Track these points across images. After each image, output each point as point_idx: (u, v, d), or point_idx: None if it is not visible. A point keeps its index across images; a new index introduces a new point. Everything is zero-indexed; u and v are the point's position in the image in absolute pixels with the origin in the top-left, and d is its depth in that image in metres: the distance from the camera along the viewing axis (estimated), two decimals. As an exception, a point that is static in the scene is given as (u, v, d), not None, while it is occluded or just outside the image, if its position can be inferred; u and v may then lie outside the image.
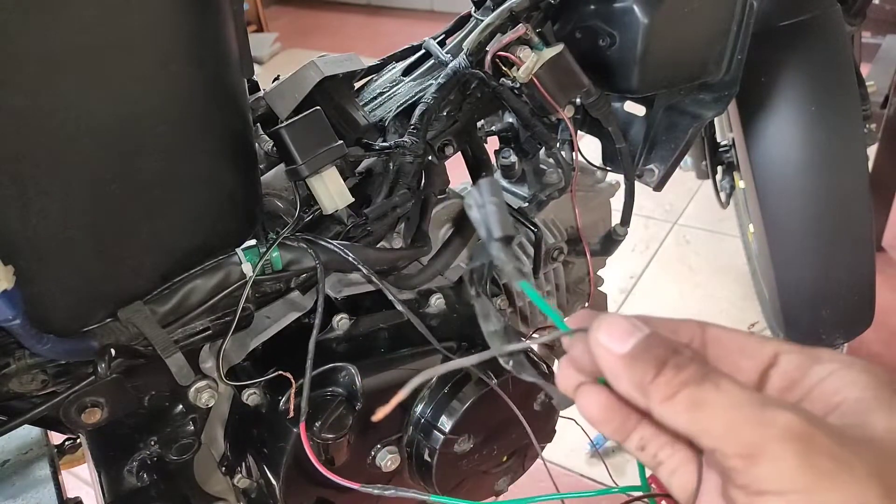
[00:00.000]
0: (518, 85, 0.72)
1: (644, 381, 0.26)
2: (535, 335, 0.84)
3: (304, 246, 0.63)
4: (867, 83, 1.37)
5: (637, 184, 0.88)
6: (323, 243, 0.63)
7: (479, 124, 0.81)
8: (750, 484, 0.24)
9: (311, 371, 0.66)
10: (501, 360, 0.32)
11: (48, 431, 0.74)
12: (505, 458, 0.78)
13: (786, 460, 0.23)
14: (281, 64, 3.40)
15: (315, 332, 0.60)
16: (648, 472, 0.32)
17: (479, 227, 0.30)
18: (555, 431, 0.82)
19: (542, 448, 0.80)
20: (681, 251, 1.92)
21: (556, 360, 0.89)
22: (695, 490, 0.30)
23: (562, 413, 0.82)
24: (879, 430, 0.25)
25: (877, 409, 0.26)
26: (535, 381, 0.32)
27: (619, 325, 0.28)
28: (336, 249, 0.63)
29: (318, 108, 0.65)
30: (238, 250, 0.62)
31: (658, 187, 0.91)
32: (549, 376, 0.29)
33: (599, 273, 1.04)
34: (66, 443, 0.80)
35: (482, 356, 0.30)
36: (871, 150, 1.62)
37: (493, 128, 0.87)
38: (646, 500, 0.33)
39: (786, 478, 0.23)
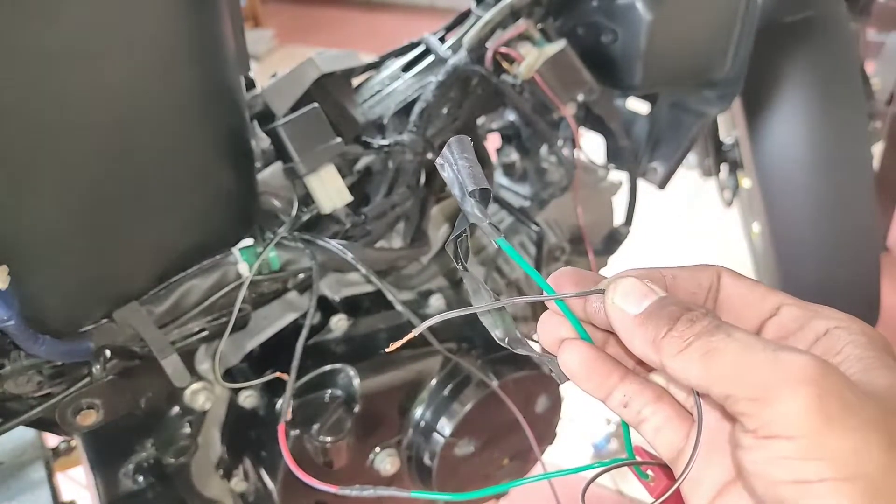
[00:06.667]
0: (519, 82, 0.71)
1: (657, 337, 0.27)
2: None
3: (302, 245, 0.62)
4: (872, 80, 1.36)
5: (640, 182, 0.87)
6: (321, 243, 0.63)
7: (479, 121, 0.80)
8: (759, 428, 0.24)
9: (310, 373, 0.66)
10: (497, 338, 0.31)
11: (43, 433, 0.73)
12: (506, 461, 0.77)
13: (798, 403, 0.23)
14: (278, 61, 3.39)
15: (304, 332, 0.59)
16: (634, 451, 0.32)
17: (453, 185, 0.29)
18: (556, 433, 0.81)
19: (543, 451, 0.79)
20: (684, 250, 1.92)
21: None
22: (683, 448, 0.29)
23: (563, 415, 0.81)
24: (882, 387, 0.25)
25: (879, 368, 0.26)
26: (532, 354, 0.31)
27: (635, 288, 0.28)
28: (334, 249, 0.62)
29: (317, 105, 0.64)
30: (235, 250, 0.61)
31: (662, 185, 0.91)
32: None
33: (601, 273, 1.03)
34: (62, 445, 0.79)
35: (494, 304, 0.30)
36: (876, 149, 1.61)
37: (494, 125, 0.86)
38: (632, 467, 0.32)
39: (797, 421, 0.23)
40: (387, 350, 0.29)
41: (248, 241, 0.62)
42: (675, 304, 0.27)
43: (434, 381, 0.71)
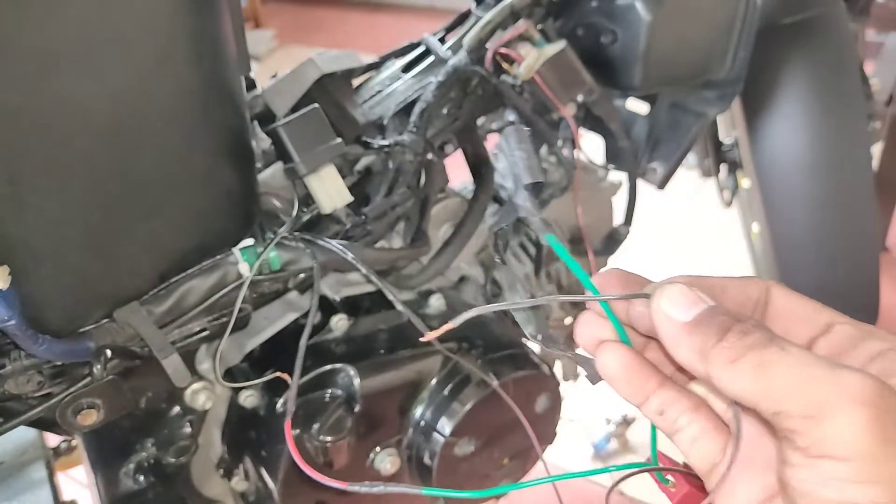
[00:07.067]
0: (519, 82, 0.71)
1: (706, 346, 0.26)
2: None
3: (302, 245, 0.62)
4: (871, 81, 1.36)
5: (639, 182, 0.87)
6: (321, 243, 0.63)
7: (479, 121, 0.81)
8: (811, 446, 0.23)
9: (310, 373, 0.66)
10: (529, 334, 0.31)
11: (44, 433, 0.74)
12: (506, 461, 0.77)
13: (855, 423, 0.22)
14: (278, 61, 3.39)
15: (307, 331, 0.59)
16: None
17: (506, 176, 0.29)
18: (556, 433, 0.82)
19: (543, 450, 0.79)
20: (683, 251, 1.92)
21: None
22: (718, 462, 0.29)
23: (562, 415, 0.81)
24: None
25: None
26: (566, 354, 0.31)
27: (684, 295, 0.27)
28: (334, 249, 0.63)
29: (317, 105, 0.64)
30: (235, 250, 0.61)
31: (661, 186, 0.91)
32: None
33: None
34: (63, 445, 0.79)
35: (537, 301, 0.29)
36: (876, 149, 1.61)
37: (494, 125, 0.86)
38: (653, 473, 0.32)
39: (852, 442, 0.22)
40: (421, 339, 0.29)
41: (249, 241, 0.62)
42: (726, 314, 0.27)
43: (434, 381, 0.71)
